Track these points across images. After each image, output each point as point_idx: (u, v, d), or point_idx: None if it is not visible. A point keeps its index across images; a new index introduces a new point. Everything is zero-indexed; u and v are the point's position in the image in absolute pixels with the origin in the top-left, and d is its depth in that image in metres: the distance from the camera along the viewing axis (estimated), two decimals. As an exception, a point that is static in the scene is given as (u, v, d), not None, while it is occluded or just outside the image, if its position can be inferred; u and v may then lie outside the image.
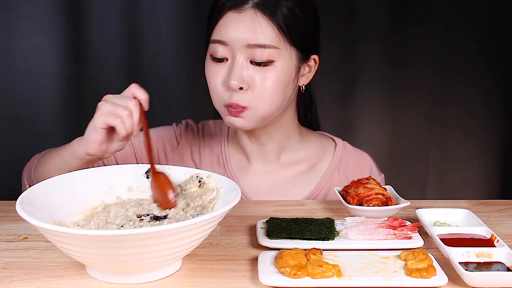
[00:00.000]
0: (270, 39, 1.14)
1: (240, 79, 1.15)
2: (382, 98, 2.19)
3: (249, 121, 1.19)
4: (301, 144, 1.35)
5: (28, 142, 2.04)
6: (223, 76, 1.17)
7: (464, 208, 1.06)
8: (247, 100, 1.16)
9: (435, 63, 2.18)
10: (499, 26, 2.17)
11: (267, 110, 1.18)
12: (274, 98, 1.18)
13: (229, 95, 1.17)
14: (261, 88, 1.16)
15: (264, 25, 1.14)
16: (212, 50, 1.18)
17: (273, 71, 1.16)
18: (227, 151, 1.35)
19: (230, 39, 1.15)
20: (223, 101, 1.18)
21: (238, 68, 1.15)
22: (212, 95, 1.21)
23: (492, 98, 2.23)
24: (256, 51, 1.14)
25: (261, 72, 1.15)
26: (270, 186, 1.32)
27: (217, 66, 1.18)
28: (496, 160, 2.28)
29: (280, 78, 1.17)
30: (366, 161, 1.38)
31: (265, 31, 1.14)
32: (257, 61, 1.15)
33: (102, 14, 2.01)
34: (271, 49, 1.14)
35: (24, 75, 2.00)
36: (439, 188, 2.30)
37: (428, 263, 0.85)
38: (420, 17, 2.15)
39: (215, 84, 1.19)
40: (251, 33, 1.14)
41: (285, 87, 1.19)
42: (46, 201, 0.91)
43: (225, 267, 0.90)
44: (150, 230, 0.74)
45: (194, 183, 1.00)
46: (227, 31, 1.15)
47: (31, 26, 1.98)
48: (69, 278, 0.86)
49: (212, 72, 1.19)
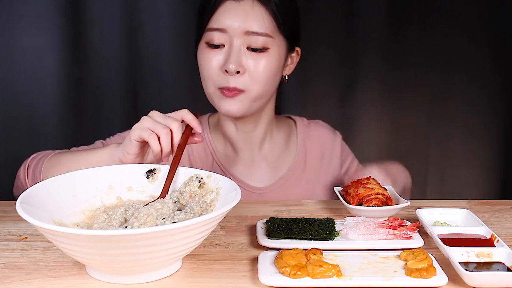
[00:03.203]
0: (266, 27, 1.22)
1: (238, 63, 1.21)
2: (382, 98, 2.19)
3: (243, 105, 1.25)
4: (277, 129, 1.43)
5: (28, 142, 2.04)
6: (219, 61, 1.23)
7: (464, 208, 1.06)
8: (243, 83, 1.23)
9: (435, 63, 2.18)
10: (500, 26, 2.17)
11: (260, 93, 1.25)
12: (267, 82, 1.25)
13: (225, 79, 1.23)
14: (256, 72, 1.23)
15: (261, 14, 1.22)
16: (209, 37, 1.24)
17: (267, 58, 1.23)
18: (213, 143, 1.40)
19: (229, 26, 1.22)
20: (217, 84, 1.24)
21: (235, 53, 1.22)
22: (206, 79, 1.26)
23: (492, 98, 2.23)
24: (253, 38, 1.22)
25: (256, 58, 1.23)
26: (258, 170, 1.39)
27: (213, 51, 1.24)
28: (496, 160, 2.28)
29: (273, 64, 1.25)
30: (323, 128, 1.49)
31: (262, 20, 1.22)
32: (253, 47, 1.23)
33: (102, 14, 2.00)
34: (266, 37, 1.23)
35: (24, 75, 2.00)
36: (439, 188, 2.30)
37: (428, 263, 0.85)
38: (420, 16, 2.15)
39: (211, 68, 1.24)
40: (249, 21, 1.21)
41: (275, 74, 1.27)
42: (46, 201, 0.91)
43: (225, 267, 0.90)
44: (150, 230, 0.74)
45: (194, 183, 1.00)
46: (226, 19, 1.22)
47: (31, 26, 1.98)
48: (69, 278, 0.86)
49: (208, 57, 1.24)
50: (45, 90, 2.03)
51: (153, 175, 1.03)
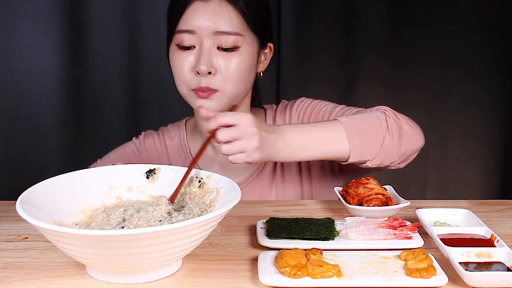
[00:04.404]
0: (235, 26, 1.21)
1: (209, 64, 1.20)
2: (382, 98, 2.19)
3: (219, 103, 1.24)
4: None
5: (28, 142, 2.04)
6: (190, 62, 1.23)
7: (464, 208, 1.06)
8: (215, 83, 1.22)
9: (435, 63, 2.19)
10: (500, 26, 2.17)
11: (233, 92, 1.24)
12: (240, 80, 1.24)
13: (197, 80, 1.22)
14: (228, 72, 1.22)
15: (230, 13, 1.21)
16: (179, 39, 1.23)
17: (238, 56, 1.22)
18: (188, 145, 1.41)
19: (198, 27, 1.21)
20: (190, 86, 1.24)
21: (206, 54, 1.21)
22: (179, 81, 1.26)
23: (492, 98, 2.23)
24: (223, 37, 1.20)
25: (227, 57, 1.22)
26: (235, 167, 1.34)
27: (184, 53, 1.23)
28: (496, 160, 2.28)
29: (245, 63, 1.23)
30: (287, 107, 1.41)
31: (231, 19, 1.21)
32: (224, 47, 1.21)
33: (102, 14, 2.01)
34: (236, 35, 1.21)
35: (24, 75, 2.00)
36: (439, 188, 2.30)
37: (428, 263, 0.84)
38: (421, 16, 2.15)
39: (182, 70, 1.24)
40: (218, 21, 1.20)
41: (248, 72, 1.26)
42: (46, 201, 0.91)
43: (225, 267, 0.90)
44: (150, 230, 0.74)
45: (194, 183, 1.00)
46: (195, 20, 1.21)
47: (31, 26, 1.98)
48: (69, 278, 0.86)
49: (179, 59, 1.24)
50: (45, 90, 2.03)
51: (153, 175, 1.03)
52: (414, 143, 1.23)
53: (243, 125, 1.02)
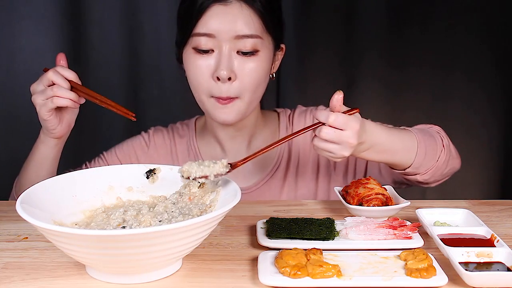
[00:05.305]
0: (255, 29, 1.20)
1: (229, 69, 1.18)
2: (382, 98, 2.19)
3: (239, 111, 1.23)
4: (263, 125, 1.40)
5: (28, 142, 2.03)
6: (209, 67, 1.20)
7: (464, 208, 1.06)
8: (235, 90, 1.20)
9: (435, 63, 2.18)
10: (500, 27, 2.17)
11: (253, 97, 1.23)
12: (259, 85, 1.23)
13: (217, 87, 1.20)
14: (248, 77, 1.20)
15: (250, 16, 1.19)
16: (197, 43, 1.20)
17: (258, 60, 1.21)
18: (197, 145, 1.39)
19: (217, 31, 1.18)
20: (210, 93, 1.22)
21: (226, 59, 1.19)
22: (198, 87, 1.23)
23: (492, 98, 2.23)
24: (242, 41, 1.19)
25: (247, 62, 1.20)
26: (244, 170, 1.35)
27: (202, 57, 1.21)
28: (496, 160, 2.28)
29: (263, 67, 1.23)
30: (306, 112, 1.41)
31: (252, 22, 1.19)
32: (243, 51, 1.19)
33: (102, 14, 2.01)
34: (256, 39, 1.20)
35: (24, 75, 2.00)
36: (439, 188, 2.29)
37: (428, 263, 0.85)
38: (420, 17, 2.15)
39: (201, 75, 1.21)
40: (238, 24, 1.18)
41: (265, 76, 1.25)
42: (46, 201, 0.91)
43: (225, 267, 0.90)
44: (150, 230, 0.74)
45: (195, 184, 1.00)
46: (214, 23, 1.18)
47: (31, 26, 1.98)
48: (69, 278, 0.86)
49: (197, 64, 1.22)
50: (45, 90, 2.03)
51: (153, 175, 1.03)
52: (455, 166, 1.27)
53: (346, 134, 1.01)
